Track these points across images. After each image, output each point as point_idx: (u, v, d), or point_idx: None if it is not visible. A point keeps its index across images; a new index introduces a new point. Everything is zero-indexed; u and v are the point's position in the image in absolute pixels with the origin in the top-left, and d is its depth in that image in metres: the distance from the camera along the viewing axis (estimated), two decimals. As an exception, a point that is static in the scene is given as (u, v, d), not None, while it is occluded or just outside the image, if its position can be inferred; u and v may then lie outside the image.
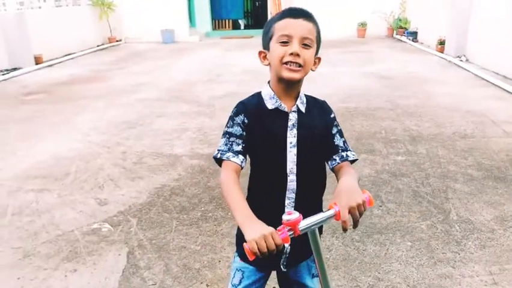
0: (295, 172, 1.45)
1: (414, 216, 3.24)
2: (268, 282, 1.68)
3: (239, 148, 1.42)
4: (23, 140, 5.13)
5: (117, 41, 14.60)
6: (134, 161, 4.43)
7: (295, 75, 1.39)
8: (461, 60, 9.30)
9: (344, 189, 1.29)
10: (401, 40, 13.07)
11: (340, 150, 1.51)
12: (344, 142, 1.53)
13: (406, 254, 2.79)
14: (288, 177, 1.45)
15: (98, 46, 13.62)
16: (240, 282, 1.57)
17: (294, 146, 1.45)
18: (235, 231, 2.98)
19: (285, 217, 1.20)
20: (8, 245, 3.01)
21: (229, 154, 1.41)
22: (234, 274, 1.60)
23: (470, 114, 5.68)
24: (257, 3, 18.24)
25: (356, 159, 1.52)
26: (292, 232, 1.19)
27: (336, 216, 1.24)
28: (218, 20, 17.67)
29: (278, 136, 1.44)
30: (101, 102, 6.81)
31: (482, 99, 6.39)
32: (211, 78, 8.42)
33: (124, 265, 2.74)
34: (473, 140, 4.75)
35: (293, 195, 1.47)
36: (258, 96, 1.50)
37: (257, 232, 1.15)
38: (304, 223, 1.22)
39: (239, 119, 1.44)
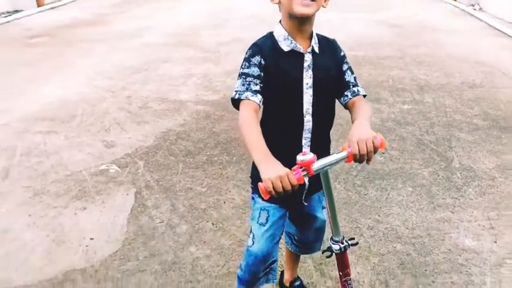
0: (311, 112, 1.48)
1: (417, 163, 3.28)
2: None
3: (257, 88, 1.40)
4: (29, 83, 5.13)
5: (120, -17, 14.15)
6: (140, 106, 4.44)
7: (309, 10, 1.35)
8: (475, 9, 9.00)
9: (356, 128, 1.31)
10: (414, -13, 12.58)
11: (351, 86, 1.52)
12: (355, 78, 1.55)
13: (407, 199, 2.85)
14: (305, 118, 1.47)
15: (100, -12, 13.22)
16: (267, 220, 1.62)
17: (310, 87, 1.46)
18: (241, 175, 3.06)
19: (299, 157, 1.22)
20: (18, 183, 3.09)
21: (248, 93, 1.39)
22: (260, 214, 1.63)
23: (480, 64, 5.58)
24: None
25: (366, 95, 1.54)
26: (306, 172, 1.22)
27: (349, 157, 1.26)
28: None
29: (295, 77, 1.44)
30: (105, 46, 6.72)
31: (493, 50, 6.25)
32: (217, 23, 8.24)
33: (132, 204, 2.83)
34: (481, 90, 4.70)
35: (309, 135, 1.49)
36: (271, 37, 1.47)
37: (273, 172, 1.16)
38: (318, 164, 1.24)
39: (256, 59, 1.42)
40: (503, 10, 8.10)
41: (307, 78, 1.45)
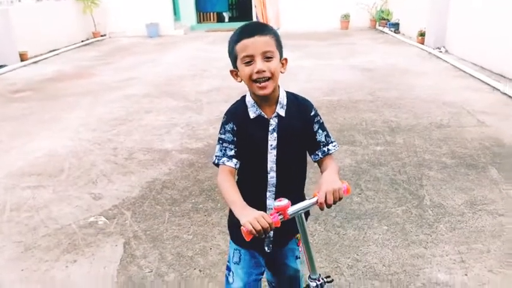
0: (275, 170, 1.67)
1: (391, 202, 3.48)
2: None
3: (232, 153, 1.62)
4: (15, 138, 5.25)
5: (101, 35, 14.59)
6: (126, 157, 4.60)
7: (267, 91, 1.54)
8: (441, 52, 9.58)
9: (325, 179, 1.52)
10: (384, 32, 13.33)
11: (322, 146, 1.68)
12: (326, 136, 1.69)
13: (382, 237, 3.03)
14: (269, 174, 1.67)
15: (82, 41, 13.61)
16: (240, 259, 1.82)
17: (274, 148, 1.65)
18: (224, 221, 3.20)
19: (275, 203, 1.42)
20: (9, 239, 3.17)
21: (224, 159, 1.62)
22: (233, 253, 1.84)
23: (447, 105, 5.95)
24: (241, -5, 18.30)
25: (337, 149, 1.72)
26: (282, 216, 1.41)
27: (319, 204, 1.46)
28: (203, 12, 17.72)
29: (260, 140, 1.63)
30: (89, 99, 6.93)
31: (459, 90, 6.67)
32: (197, 73, 8.57)
33: (121, 255, 2.93)
34: (449, 130, 5.02)
35: (273, 189, 1.69)
36: (242, 102, 1.66)
37: (250, 216, 1.38)
38: (292, 209, 1.44)
39: (229, 126, 1.63)
40: (467, 52, 8.66)
41: (272, 140, 1.63)
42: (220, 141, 1.65)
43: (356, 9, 14.36)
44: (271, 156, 1.65)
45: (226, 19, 18.05)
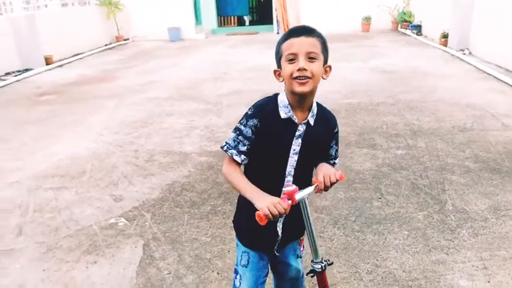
0: (292, 174, 1.68)
1: (412, 207, 3.42)
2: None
3: (244, 149, 1.63)
4: (39, 140, 5.38)
5: (124, 39, 14.83)
6: (146, 159, 4.65)
7: (305, 88, 1.55)
8: (464, 54, 9.40)
9: (320, 168, 1.68)
10: (405, 34, 13.15)
11: (331, 159, 1.78)
12: (336, 151, 1.79)
13: (403, 243, 2.98)
14: (286, 178, 1.68)
15: (105, 45, 13.85)
16: (248, 262, 1.83)
17: (296, 153, 1.66)
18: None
19: (285, 189, 1.55)
20: (32, 240, 3.25)
21: (234, 151, 1.63)
22: (242, 256, 1.85)
23: (471, 107, 5.83)
24: (262, -1, 18.35)
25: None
26: (291, 201, 1.51)
27: (318, 187, 1.61)
28: (223, 16, 17.82)
29: (284, 143, 1.64)
30: (112, 102, 7.05)
31: (483, 93, 6.52)
32: (218, 76, 8.62)
33: (140, 256, 2.97)
34: (472, 133, 4.91)
35: None
36: (274, 100, 1.66)
37: (267, 201, 1.47)
38: (299, 194, 1.57)
39: (252, 122, 1.61)
40: (491, 54, 8.47)
41: (296, 145, 1.65)
42: (237, 132, 1.64)
43: (377, 12, 14.22)
44: (292, 160, 1.66)
45: (247, 23, 18.09)
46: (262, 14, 18.11)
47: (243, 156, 1.64)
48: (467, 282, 2.58)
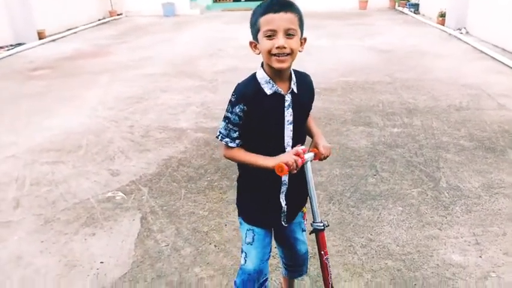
0: (291, 144, 1.70)
1: (407, 184, 3.47)
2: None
3: (236, 135, 1.67)
4: (34, 115, 5.34)
5: (118, 14, 14.61)
6: (142, 134, 4.64)
7: (284, 65, 1.56)
8: (461, 33, 9.37)
9: (319, 139, 1.80)
10: (403, 12, 13.05)
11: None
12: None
13: (397, 218, 3.03)
14: (286, 149, 1.69)
15: (99, 20, 13.65)
16: (253, 239, 1.83)
17: (290, 123, 1.68)
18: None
19: (296, 148, 1.65)
20: (29, 212, 3.26)
21: (228, 139, 1.68)
22: (246, 234, 1.84)
23: (467, 87, 5.84)
24: (258, -26, 18.05)
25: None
26: (300, 159, 1.62)
27: (317, 155, 1.75)
28: (219, -8, 17.56)
29: (277, 115, 1.65)
30: (106, 77, 6.98)
31: (479, 73, 6.53)
32: (213, 53, 8.54)
33: (138, 229, 2.99)
34: (467, 112, 4.94)
35: None
36: (254, 79, 1.65)
37: (284, 157, 1.60)
38: (307, 155, 1.69)
39: (238, 108, 1.62)
40: (488, 33, 8.45)
41: (288, 115, 1.66)
42: (226, 121, 1.67)
43: (375, -11, 14.06)
44: (288, 131, 1.68)
45: (242, -2, 17.84)
46: (258, -9, 17.85)
47: (237, 141, 1.68)
48: (459, 256, 2.63)
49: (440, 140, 4.25)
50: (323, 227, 1.80)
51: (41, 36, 10.37)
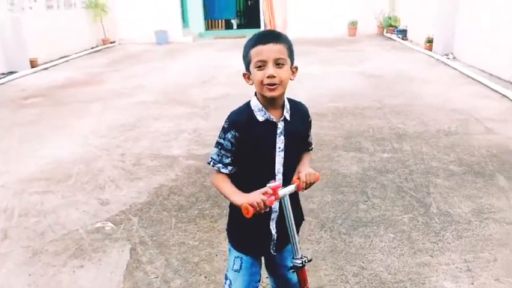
0: (281, 172, 1.73)
1: (398, 210, 3.47)
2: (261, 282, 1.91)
3: (228, 161, 1.71)
4: (25, 144, 5.32)
5: (111, 42, 14.76)
6: (133, 163, 4.63)
7: (275, 93, 1.63)
8: (449, 58, 9.56)
9: (301, 169, 1.78)
10: (391, 38, 13.33)
11: (309, 146, 1.89)
12: (311, 137, 1.89)
13: (389, 245, 3.02)
14: (276, 176, 1.72)
15: (92, 48, 13.77)
16: (241, 267, 1.84)
17: (282, 150, 1.71)
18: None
19: (269, 184, 1.58)
20: (17, 244, 3.21)
21: (220, 165, 1.72)
22: (234, 261, 1.86)
23: (455, 112, 5.93)
24: (249, 2, 18.44)
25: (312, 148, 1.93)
26: (273, 197, 1.56)
27: (298, 187, 1.70)
28: (211, 20, 17.85)
29: (268, 143, 1.69)
30: (98, 106, 7.00)
31: (467, 98, 6.64)
32: (205, 80, 8.62)
33: (127, 260, 2.95)
34: (456, 137, 4.99)
35: None
36: (247, 107, 1.72)
37: (250, 197, 1.57)
38: (282, 191, 1.63)
39: (230, 134, 1.67)
40: (475, 59, 8.63)
41: (280, 143, 1.70)
42: (219, 147, 1.71)
43: (363, 16, 14.39)
44: (279, 158, 1.71)
45: (235, 26, 18.17)
46: (250, 18, 18.19)
47: (229, 167, 1.71)
48: (451, 284, 2.62)
49: (430, 165, 4.28)
50: (301, 265, 1.77)
51: (33, 64, 10.42)
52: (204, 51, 12.63)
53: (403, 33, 12.94)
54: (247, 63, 1.68)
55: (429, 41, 10.59)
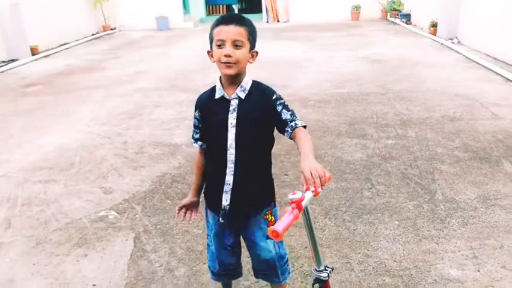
0: (234, 147, 1.81)
1: (402, 197, 3.44)
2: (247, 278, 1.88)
3: (197, 136, 1.95)
4: (27, 132, 5.30)
5: (111, 29, 14.64)
6: (136, 151, 4.61)
7: (231, 71, 1.73)
8: (453, 43, 9.44)
9: (306, 159, 1.51)
10: (395, 23, 13.16)
11: (289, 122, 1.75)
12: (291, 114, 1.77)
13: (393, 232, 3.00)
14: (228, 151, 1.82)
15: (92, 35, 13.66)
16: (207, 220, 2.09)
17: (233, 126, 1.80)
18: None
19: (290, 196, 1.36)
20: (20, 233, 3.20)
21: (192, 140, 1.98)
22: (207, 220, 2.10)
23: (460, 97, 5.86)
24: (251, -13, 18.18)
25: (306, 125, 1.75)
26: (297, 210, 1.35)
27: (315, 194, 1.42)
28: (212, 5, 17.66)
29: (222, 119, 1.81)
30: (99, 93, 6.95)
31: (472, 82, 6.56)
32: (206, 66, 8.53)
33: (131, 249, 2.94)
34: (461, 123, 4.94)
35: (232, 165, 1.83)
36: (212, 88, 1.87)
37: (184, 200, 2.09)
38: (305, 201, 1.39)
39: (196, 113, 1.92)
40: (480, 43, 8.51)
41: (232, 119, 1.80)
42: (193, 124, 1.96)
43: (367, 0, 14.19)
44: (231, 133, 1.81)
45: (236, 11, 17.94)
46: (251, 3, 17.97)
47: (199, 142, 1.94)
48: (457, 271, 2.60)
49: (435, 151, 4.24)
50: (327, 278, 1.64)
51: (34, 52, 10.35)
52: (205, 36, 12.36)
53: (407, 17, 12.77)
54: (210, 42, 1.79)
55: (434, 25, 10.45)
